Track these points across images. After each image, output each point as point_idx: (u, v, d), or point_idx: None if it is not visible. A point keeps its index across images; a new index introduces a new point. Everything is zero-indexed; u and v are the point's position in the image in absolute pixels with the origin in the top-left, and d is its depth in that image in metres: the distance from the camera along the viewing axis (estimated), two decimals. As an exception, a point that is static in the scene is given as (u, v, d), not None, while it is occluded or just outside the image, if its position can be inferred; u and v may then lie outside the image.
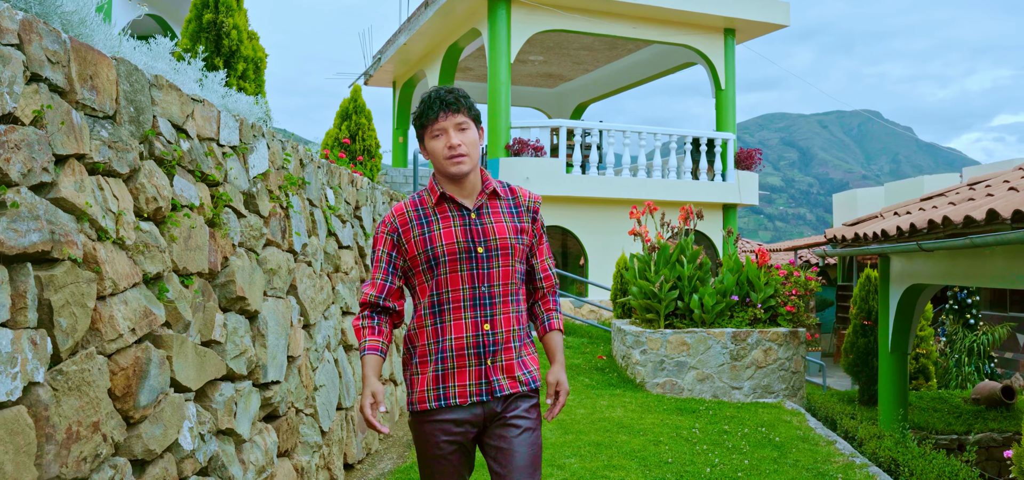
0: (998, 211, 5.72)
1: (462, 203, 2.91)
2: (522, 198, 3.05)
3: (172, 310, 3.07)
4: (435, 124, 2.88)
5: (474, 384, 2.87)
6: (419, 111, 2.93)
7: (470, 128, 2.91)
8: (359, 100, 8.95)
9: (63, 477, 2.32)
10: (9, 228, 2.15)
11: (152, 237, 2.96)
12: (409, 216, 2.94)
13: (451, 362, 2.87)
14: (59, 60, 2.45)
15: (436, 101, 2.88)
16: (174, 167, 3.21)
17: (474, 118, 2.95)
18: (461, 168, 2.87)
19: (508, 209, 2.99)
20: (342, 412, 5.48)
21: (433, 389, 2.88)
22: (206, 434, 3.33)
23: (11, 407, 2.11)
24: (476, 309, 2.87)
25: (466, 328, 2.87)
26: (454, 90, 2.93)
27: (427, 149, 2.95)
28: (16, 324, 2.16)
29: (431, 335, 2.90)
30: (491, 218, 2.93)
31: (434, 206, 2.93)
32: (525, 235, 3.00)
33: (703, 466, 6.22)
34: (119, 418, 2.67)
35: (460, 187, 2.93)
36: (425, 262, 2.89)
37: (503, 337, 2.90)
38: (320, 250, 5.17)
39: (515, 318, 2.95)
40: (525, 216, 3.02)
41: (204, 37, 5.19)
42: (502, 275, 2.91)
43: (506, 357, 2.91)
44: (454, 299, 2.87)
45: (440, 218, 2.91)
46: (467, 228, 2.89)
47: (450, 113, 2.87)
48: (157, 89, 3.12)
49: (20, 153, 2.23)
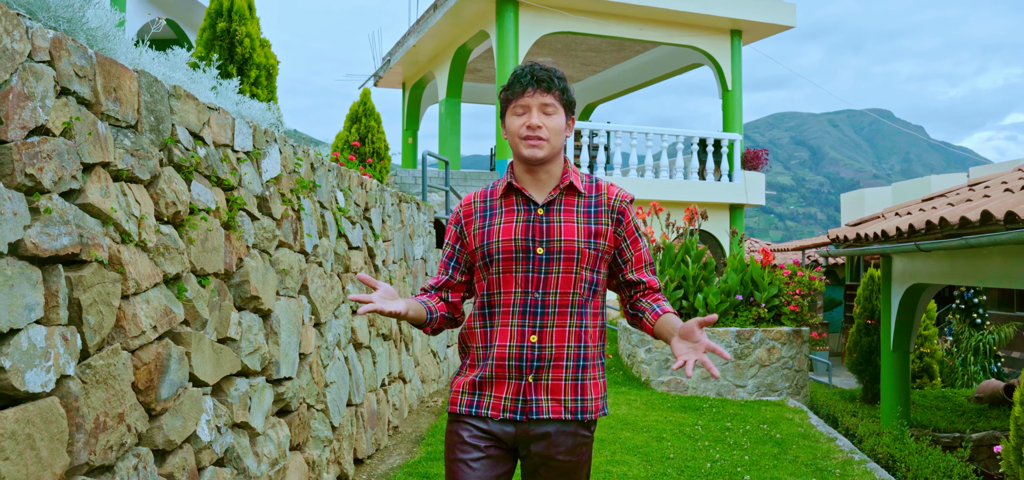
0: (992, 213, 5.85)
1: (531, 196, 2.61)
2: (607, 196, 2.67)
3: (190, 309, 3.24)
4: (520, 99, 2.57)
5: (510, 400, 2.57)
6: (506, 83, 2.63)
7: (558, 113, 2.60)
8: (368, 103, 9.12)
9: (91, 464, 2.49)
10: (42, 232, 2.31)
11: (172, 239, 3.13)
12: (475, 207, 2.69)
13: (491, 371, 2.59)
14: (86, 74, 2.62)
15: (526, 74, 2.59)
16: (192, 173, 3.37)
17: (566, 104, 2.63)
18: (535, 153, 2.55)
19: (586, 208, 2.63)
20: (352, 408, 5.64)
21: (468, 393, 2.63)
22: (222, 427, 3.50)
23: (45, 398, 2.28)
24: (525, 317, 2.56)
25: (511, 337, 2.57)
26: (550, 68, 2.62)
27: (505, 126, 2.65)
28: (49, 321, 2.33)
29: (480, 338, 2.64)
30: (561, 216, 2.60)
31: (501, 197, 2.66)
32: (602, 240, 2.62)
33: (704, 462, 6.36)
34: (142, 410, 2.83)
35: (534, 177, 2.63)
36: (481, 258, 2.63)
37: (552, 353, 2.55)
38: (330, 251, 5.33)
39: (574, 333, 2.58)
40: (606, 217, 2.64)
41: (218, 45, 5.36)
42: (561, 282, 2.56)
43: (553, 376, 2.56)
44: (504, 303, 2.59)
45: (504, 211, 2.63)
46: (530, 225, 2.58)
47: (539, 91, 2.56)
48: (175, 99, 3.29)
49: (52, 162, 2.39)
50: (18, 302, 2.18)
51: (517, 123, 2.58)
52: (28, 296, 2.23)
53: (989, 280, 7.25)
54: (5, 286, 2.13)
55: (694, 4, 16.12)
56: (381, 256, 6.78)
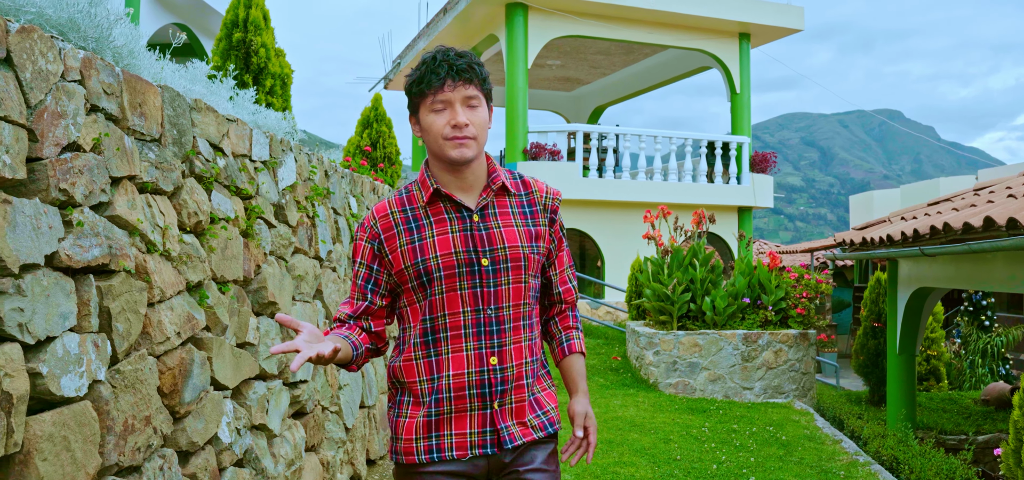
0: (994, 218, 5.94)
1: (461, 201, 2.32)
2: (538, 194, 2.44)
3: (211, 315, 3.36)
4: (438, 93, 2.26)
5: (476, 433, 2.30)
6: (417, 75, 2.30)
7: (481, 105, 2.31)
8: (380, 108, 9.24)
9: (121, 465, 2.61)
10: (75, 244, 2.43)
11: (194, 248, 3.25)
12: (394, 219, 2.34)
13: (448, 405, 2.29)
14: (113, 92, 2.74)
15: (442, 64, 2.26)
16: (212, 183, 3.49)
17: (487, 93, 2.34)
18: (465, 153, 2.26)
19: (520, 208, 2.39)
20: (365, 410, 5.76)
21: (423, 438, 2.31)
22: (242, 429, 3.62)
23: (79, 402, 2.40)
24: (481, 338, 2.29)
25: (468, 362, 2.28)
26: (465, 54, 2.31)
27: (421, 124, 2.32)
28: (81, 329, 2.45)
29: (424, 370, 2.32)
30: (498, 220, 2.34)
31: (426, 205, 2.34)
32: (542, 241, 2.40)
33: (710, 463, 6.46)
34: (167, 413, 2.96)
35: (460, 179, 2.33)
36: (415, 278, 2.30)
37: (514, 373, 2.32)
38: (344, 256, 5.45)
39: (528, 347, 2.37)
40: (542, 217, 2.42)
41: (234, 55, 5.49)
42: (513, 294, 2.32)
43: (516, 397, 2.33)
44: (452, 325, 2.29)
45: (433, 221, 2.32)
46: (468, 234, 2.30)
47: (460, 83, 2.26)
48: (196, 112, 3.41)
49: (83, 177, 2.51)
50: (54, 311, 2.30)
51: (438, 122, 2.26)
52: (62, 305, 2.35)
53: (993, 285, 7.33)
54: (42, 296, 2.25)
55: (703, 8, 16.21)
56: (393, 260, 6.90)
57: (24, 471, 2.16)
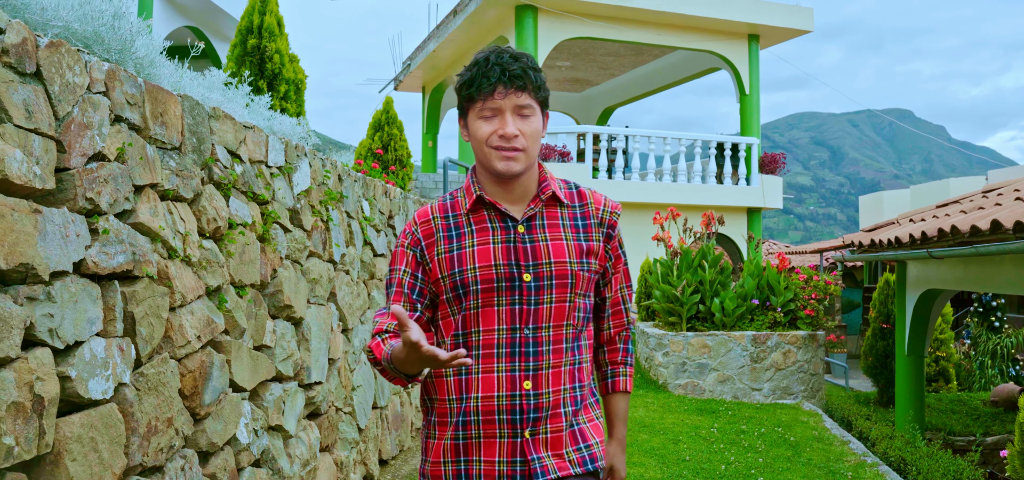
0: (1001, 222, 5.98)
1: (507, 211, 2.16)
2: (594, 206, 2.25)
3: (230, 318, 3.44)
4: (488, 100, 2.09)
5: (505, 463, 2.12)
6: (468, 77, 2.13)
7: (535, 115, 2.13)
8: (391, 112, 9.33)
9: (145, 465, 2.69)
10: (101, 251, 2.51)
11: (213, 254, 3.33)
12: (435, 225, 2.20)
13: (476, 429, 2.12)
14: (136, 102, 2.82)
15: (495, 68, 2.09)
16: (230, 189, 3.57)
17: (542, 102, 2.16)
18: (512, 167, 2.10)
19: (572, 221, 2.21)
20: (377, 411, 5.84)
21: (451, 462, 2.16)
22: (259, 429, 3.70)
23: (106, 404, 2.48)
24: (514, 359, 2.11)
25: (499, 385, 2.11)
26: (521, 56, 2.13)
27: (469, 130, 2.17)
28: (107, 333, 2.53)
29: (453, 388, 2.16)
30: (546, 233, 2.16)
31: (468, 212, 2.19)
32: (594, 258, 2.20)
33: (718, 464, 6.52)
34: (187, 415, 3.04)
35: (507, 189, 2.17)
36: (451, 290, 2.15)
37: (550, 400, 2.12)
38: (357, 259, 5.53)
39: (570, 373, 2.16)
40: (596, 231, 2.23)
41: (249, 61, 5.57)
42: (555, 313, 2.13)
43: (553, 427, 2.13)
44: (485, 343, 2.12)
45: (474, 230, 2.16)
46: (511, 246, 2.13)
47: (512, 90, 2.08)
48: (215, 120, 3.49)
49: (108, 186, 2.59)
50: (81, 316, 2.38)
51: (485, 130, 2.10)
52: (89, 311, 2.43)
53: (1001, 287, 7.37)
54: (70, 302, 2.33)
55: (712, 9, 16.25)
56: (404, 263, 6.97)
57: (55, 471, 2.24)
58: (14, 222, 2.12)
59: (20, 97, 2.18)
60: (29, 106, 2.21)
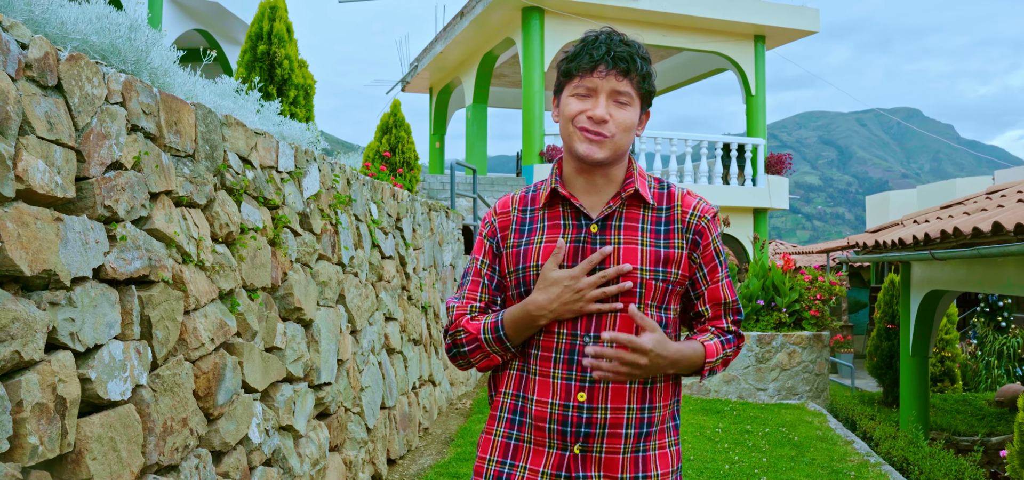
0: (1003, 224, 6.05)
1: (583, 208, 2.01)
2: (682, 209, 2.05)
3: (242, 321, 3.53)
4: (586, 77, 1.96)
5: (549, 476, 1.98)
6: (573, 51, 2.02)
7: (633, 105, 1.99)
8: (399, 114, 9.41)
9: (161, 464, 2.78)
10: (119, 257, 2.60)
11: (225, 258, 3.41)
12: (513, 216, 2.10)
13: (529, 432, 2.01)
14: (151, 111, 2.91)
15: (600, 46, 1.97)
16: (242, 195, 3.66)
17: (644, 95, 2.02)
18: (593, 152, 1.95)
19: (654, 225, 2.02)
20: (385, 411, 5.92)
21: (496, 461, 2.05)
22: (270, 429, 3.79)
23: (124, 405, 2.57)
24: (571, 368, 1.95)
25: (553, 392, 1.96)
26: (633, 43, 2.01)
27: (560, 108, 2.03)
28: (125, 337, 2.62)
29: (514, 383, 2.06)
30: (620, 235, 1.99)
31: (545, 206, 2.07)
32: (675, 267, 2.01)
33: (722, 463, 6.59)
34: (201, 415, 3.12)
35: (588, 181, 2.02)
36: (515, 285, 2.05)
37: (606, 418, 1.94)
38: (365, 261, 5.62)
39: (639, 392, 1.97)
40: (681, 237, 2.03)
41: (259, 67, 5.66)
42: (621, 322, 1.95)
43: (609, 447, 1.95)
44: (544, 345, 1.99)
45: (546, 226, 2.04)
46: (580, 246, 1.99)
47: (614, 73, 1.95)
48: (227, 127, 3.57)
49: (125, 194, 2.68)
50: (101, 320, 2.47)
51: (576, 108, 1.97)
52: (108, 315, 2.52)
53: (1004, 288, 7.42)
54: (90, 307, 2.42)
55: (717, 11, 16.31)
56: (412, 264, 7.06)
57: (76, 469, 2.33)
58: (37, 230, 2.20)
59: (42, 110, 2.27)
60: (51, 118, 2.30)
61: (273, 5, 5.73)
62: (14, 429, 2.09)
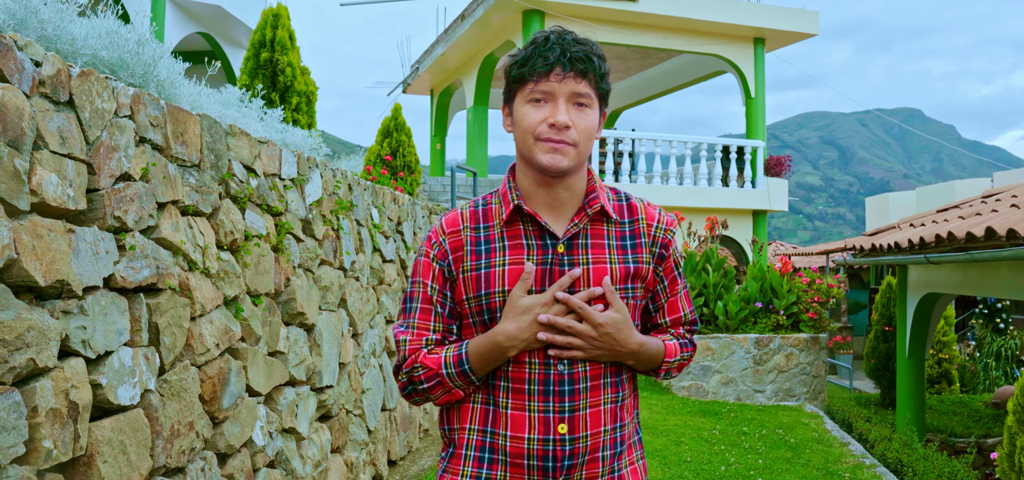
0: (995, 229, 6.12)
1: (547, 225, 1.88)
2: (646, 222, 1.97)
3: (246, 326, 3.61)
4: (542, 81, 1.82)
5: None
6: (522, 55, 1.87)
7: (593, 108, 1.87)
8: (400, 118, 9.50)
9: (168, 466, 2.86)
10: (128, 266, 2.68)
11: (230, 265, 3.50)
12: (465, 235, 1.92)
13: (502, 469, 1.87)
14: (159, 123, 2.99)
15: (554, 48, 1.83)
16: (246, 203, 3.74)
17: (602, 95, 1.90)
18: (558, 161, 1.83)
19: (620, 241, 1.93)
20: (386, 413, 6.01)
21: None
22: (273, 432, 3.87)
23: (133, 410, 2.66)
24: (548, 399, 1.84)
25: (531, 426, 1.84)
26: (586, 42, 1.88)
27: (513, 117, 1.90)
28: (134, 343, 2.71)
29: (478, 418, 1.90)
30: (588, 254, 1.89)
31: (504, 224, 1.91)
32: (641, 282, 1.94)
33: (719, 465, 6.67)
34: (207, 419, 3.21)
35: (550, 194, 1.89)
36: (477, 313, 1.90)
37: (587, 445, 1.85)
38: (366, 266, 5.70)
39: (611, 412, 1.90)
40: (647, 252, 1.95)
41: (261, 74, 5.75)
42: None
43: (588, 474, 1.87)
44: (515, 377, 1.86)
45: (508, 247, 1.89)
46: (547, 268, 1.86)
47: (571, 75, 1.82)
48: (231, 136, 3.66)
49: (134, 204, 2.76)
50: (111, 328, 2.56)
51: (534, 117, 1.83)
52: (118, 322, 2.60)
53: (999, 291, 7.51)
54: (101, 315, 2.51)
55: (717, 14, 16.39)
56: (412, 268, 7.14)
57: (88, 472, 2.42)
58: (51, 242, 2.29)
59: (55, 125, 2.35)
60: (63, 133, 2.38)
61: (276, 13, 5.82)
62: (29, 433, 2.18)
